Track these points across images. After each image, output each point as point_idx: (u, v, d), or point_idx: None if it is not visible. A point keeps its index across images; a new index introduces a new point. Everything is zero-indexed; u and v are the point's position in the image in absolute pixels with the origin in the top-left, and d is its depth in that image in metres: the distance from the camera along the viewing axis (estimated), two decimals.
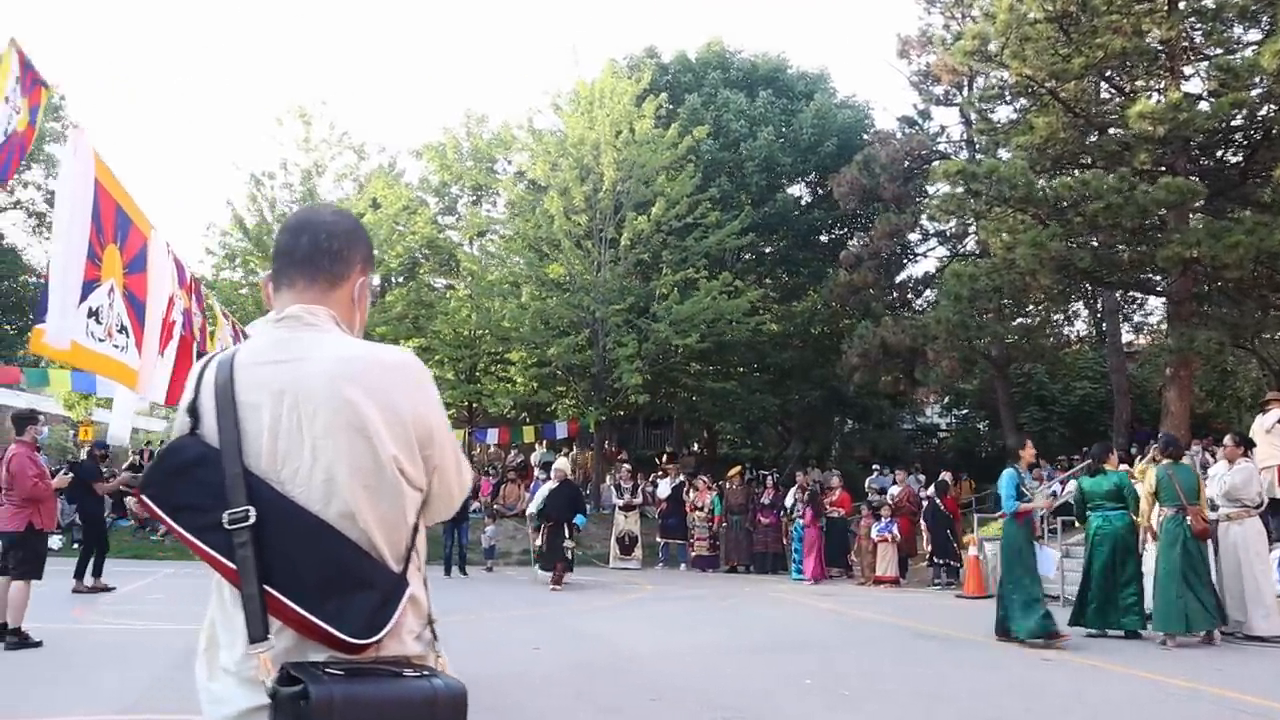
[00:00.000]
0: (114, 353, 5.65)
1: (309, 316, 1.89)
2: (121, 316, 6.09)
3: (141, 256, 6.47)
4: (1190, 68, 18.14)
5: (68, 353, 5.07)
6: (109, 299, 5.59)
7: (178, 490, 1.77)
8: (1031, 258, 15.90)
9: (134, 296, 6.33)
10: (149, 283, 6.70)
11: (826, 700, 7.24)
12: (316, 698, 1.57)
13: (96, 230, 5.65)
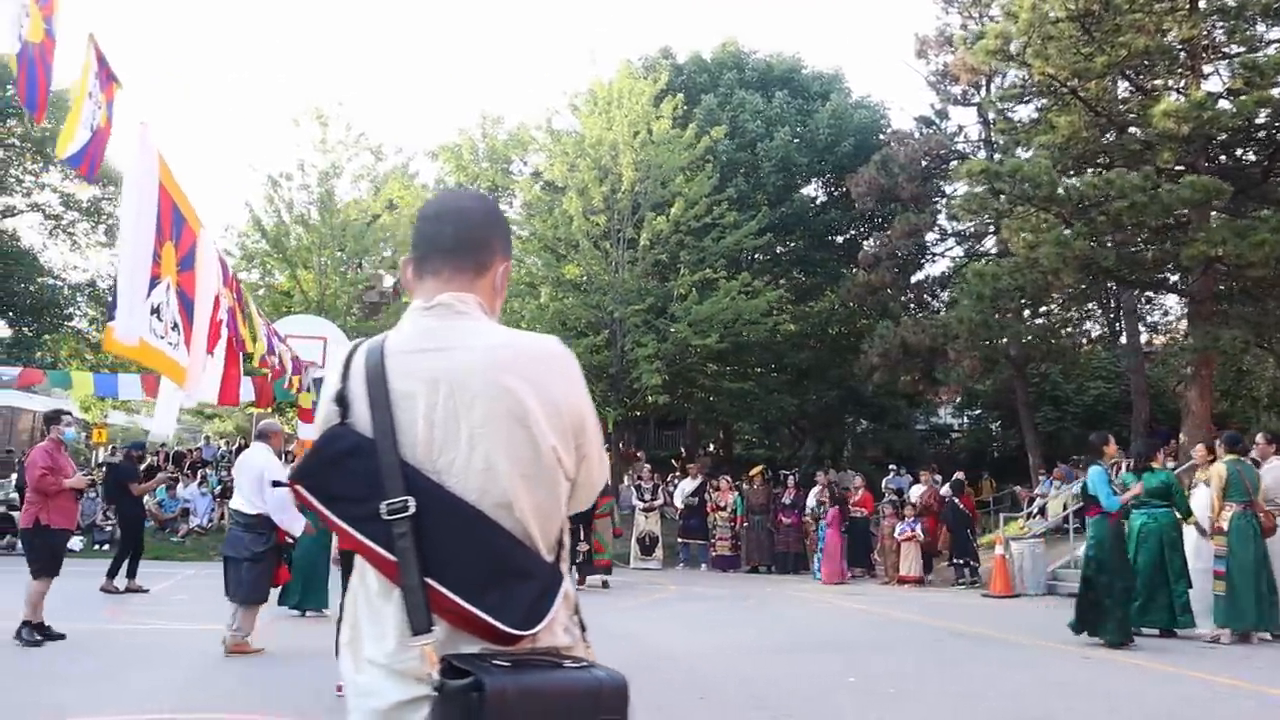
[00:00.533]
0: (168, 350, 5.65)
1: (459, 304, 1.87)
2: (174, 314, 6.09)
3: (192, 254, 6.46)
4: (1210, 66, 18.12)
5: (136, 349, 5.07)
6: (166, 296, 5.59)
7: (333, 480, 1.75)
8: (1055, 257, 15.87)
9: (184, 294, 6.33)
10: (197, 280, 6.69)
11: (873, 699, 7.23)
12: (491, 689, 1.55)
13: (157, 227, 5.67)
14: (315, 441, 1.83)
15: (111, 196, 27.75)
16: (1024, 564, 15.16)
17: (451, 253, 1.93)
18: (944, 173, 23.40)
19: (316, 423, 1.89)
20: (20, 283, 26.23)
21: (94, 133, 4.36)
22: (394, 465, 1.72)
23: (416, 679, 1.70)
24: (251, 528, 8.17)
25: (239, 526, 8.26)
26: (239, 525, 8.26)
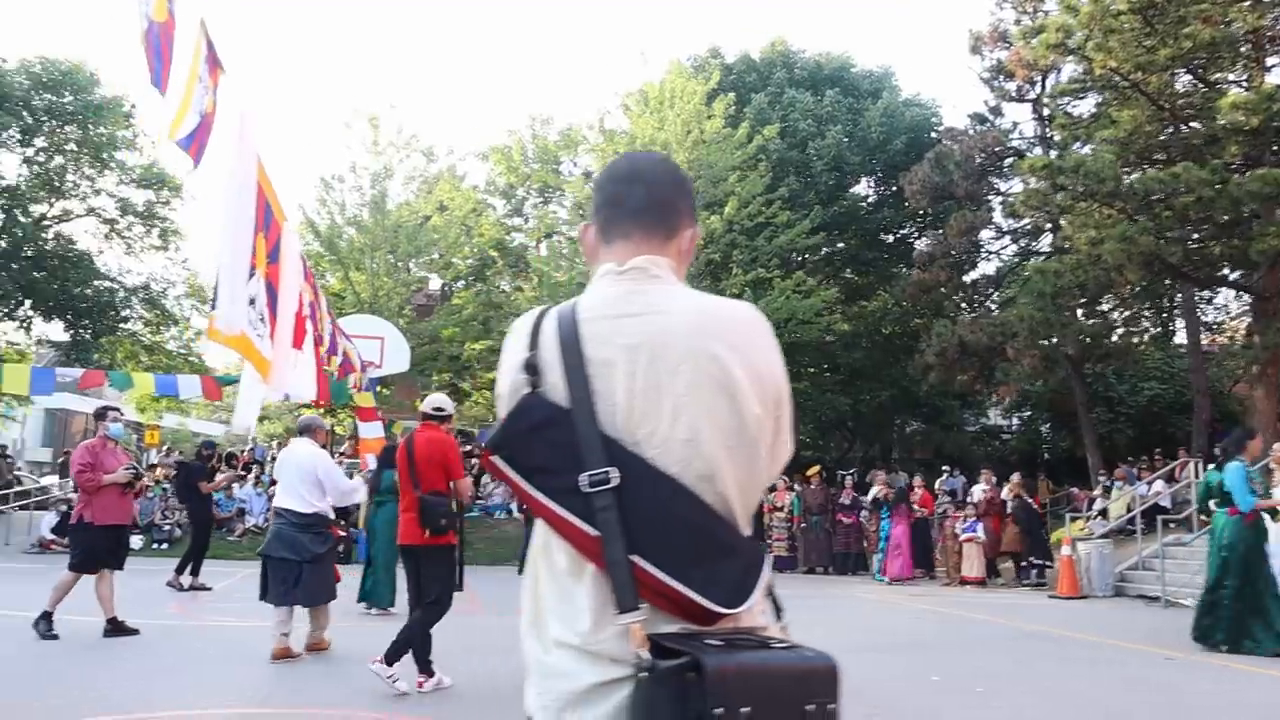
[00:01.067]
0: (257, 341, 5.65)
1: (654, 268, 1.78)
2: (262, 306, 6.09)
3: (278, 246, 6.47)
4: (1275, 58, 17.75)
5: (237, 339, 5.07)
6: (257, 288, 5.59)
7: (530, 451, 1.66)
8: (1119, 253, 15.58)
9: (271, 287, 6.33)
10: (282, 274, 6.70)
11: (963, 699, 7.11)
12: (711, 668, 1.46)
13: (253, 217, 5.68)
14: (509, 411, 1.73)
15: (166, 200, 28.14)
16: (1091, 565, 14.90)
17: (641, 214, 1.84)
18: (999, 170, 23.09)
19: (502, 393, 1.80)
20: (77, 286, 26.60)
21: (202, 117, 4.37)
22: (593, 435, 1.63)
23: (611, 660, 1.61)
24: (308, 527, 7.81)
25: (293, 527, 7.78)
26: (292, 525, 7.79)
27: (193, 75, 4.19)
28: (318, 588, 7.80)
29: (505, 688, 7.08)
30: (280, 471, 8.34)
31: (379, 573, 10.99)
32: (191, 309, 29.49)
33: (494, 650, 8.55)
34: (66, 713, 5.76)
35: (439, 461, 6.76)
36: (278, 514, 7.97)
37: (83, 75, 25.90)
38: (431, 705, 6.43)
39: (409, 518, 6.74)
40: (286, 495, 7.93)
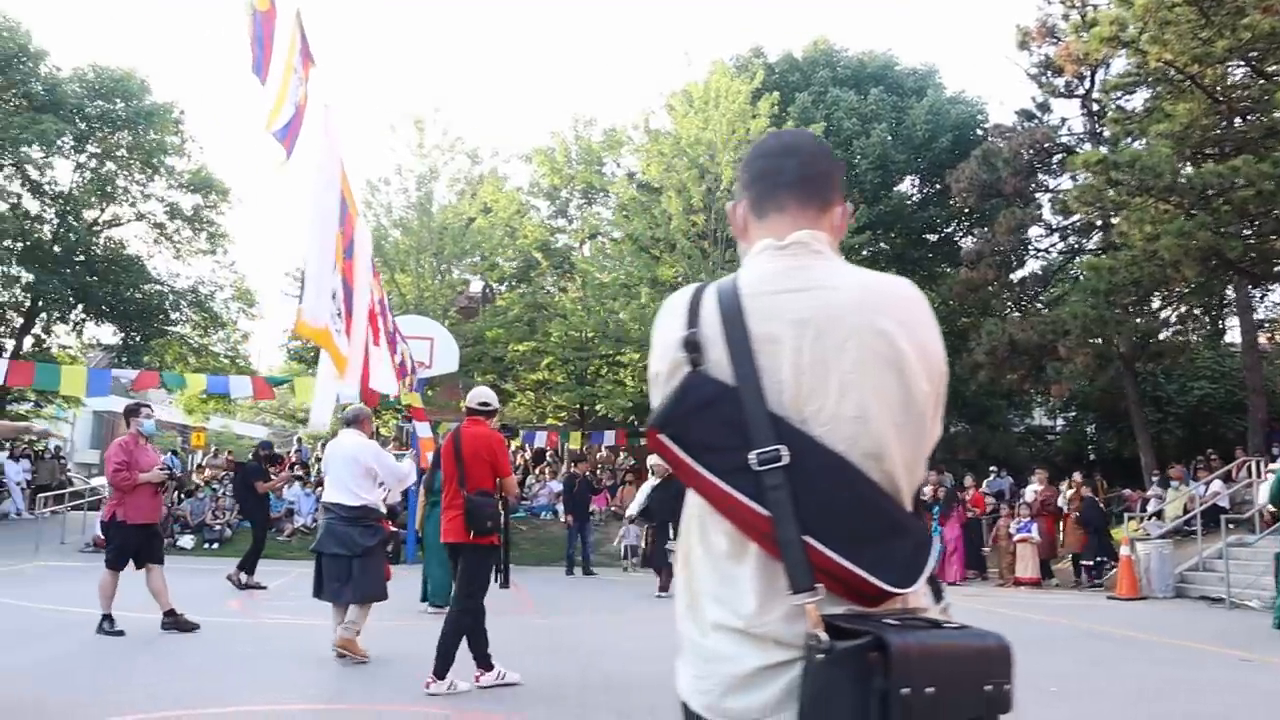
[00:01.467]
0: (336, 337, 5.68)
1: (815, 243, 1.76)
2: (339, 302, 6.11)
3: (353, 242, 6.50)
4: None
5: (321, 333, 5.09)
6: (336, 283, 5.61)
7: (698, 429, 1.63)
8: (1176, 248, 15.35)
9: (345, 282, 6.34)
10: (355, 270, 6.72)
11: (1038, 696, 7.01)
12: (897, 648, 1.43)
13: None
14: (674, 389, 1.71)
15: (214, 204, 28.48)
16: (1151, 566, 14.67)
17: (797, 187, 1.81)
18: (1047, 166, 22.82)
19: (660, 371, 1.77)
20: (128, 290, 27.00)
21: (296, 109, 4.40)
22: (761, 413, 1.60)
23: (776, 643, 1.59)
24: (357, 521, 7.55)
25: (342, 521, 7.54)
26: (342, 519, 7.55)
27: (288, 67, 4.22)
28: (369, 583, 7.50)
29: (569, 686, 7.09)
30: (328, 465, 8.05)
31: (436, 571, 11.03)
32: (239, 312, 29.89)
33: (555, 650, 8.58)
34: (127, 708, 5.79)
35: (486, 459, 6.68)
36: (326, 509, 7.76)
37: (133, 82, 26.30)
38: (500, 702, 6.43)
39: (453, 515, 6.68)
40: (334, 489, 7.71)
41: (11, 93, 24.74)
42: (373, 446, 7.89)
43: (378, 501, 7.82)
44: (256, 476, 12.86)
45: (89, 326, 27.90)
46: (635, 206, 23.92)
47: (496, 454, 6.75)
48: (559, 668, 7.77)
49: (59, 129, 23.99)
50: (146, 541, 8.69)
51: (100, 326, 28.00)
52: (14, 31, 24.07)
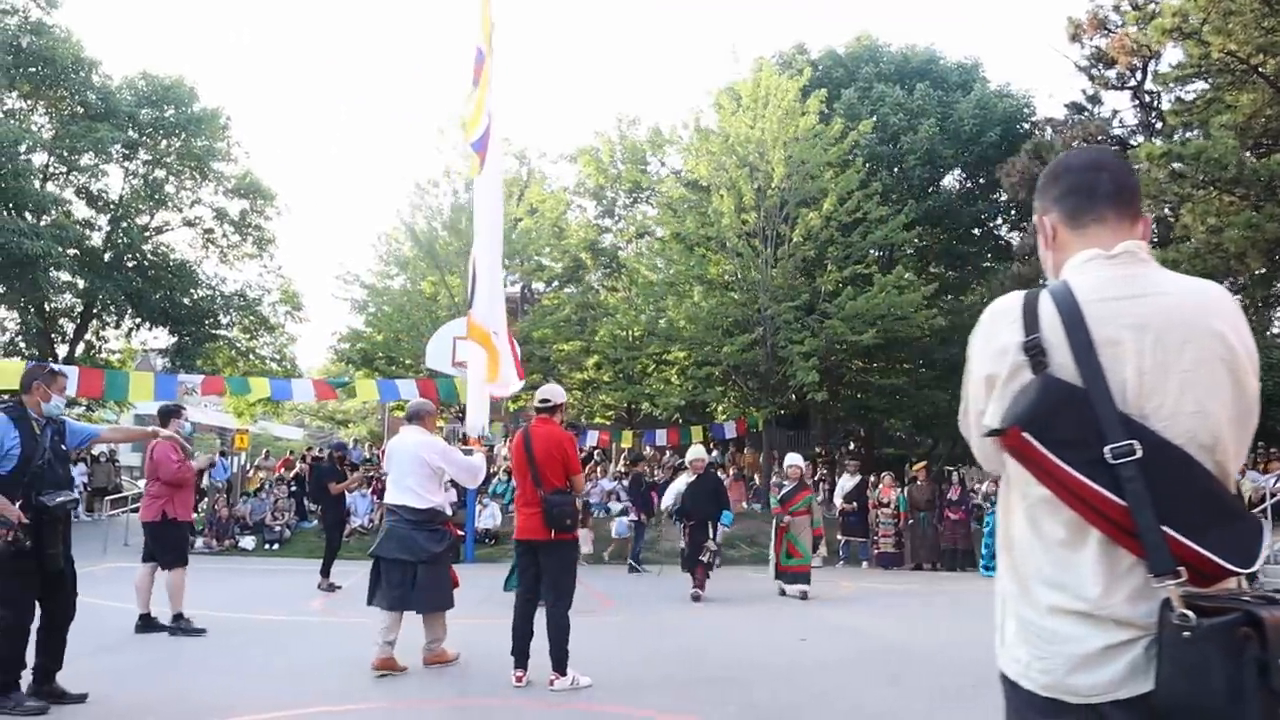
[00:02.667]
0: (495, 339, 5.81)
1: (1141, 252, 1.91)
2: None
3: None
4: None
5: (487, 336, 5.22)
6: None
7: (1057, 426, 1.76)
8: (1242, 240, 15.33)
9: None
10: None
11: None
12: (1270, 622, 1.56)
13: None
14: (1034, 390, 1.81)
15: (261, 209, 28.81)
16: None
17: (1113, 200, 1.98)
18: None
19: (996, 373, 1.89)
20: (180, 294, 27.35)
21: (489, 120, 4.54)
22: (1111, 411, 1.75)
23: (1117, 623, 1.73)
24: (423, 524, 7.12)
25: (407, 524, 7.11)
26: (407, 523, 7.11)
27: (484, 83, 4.36)
28: (434, 592, 7.08)
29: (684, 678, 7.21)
30: (390, 465, 7.53)
31: None
32: (285, 315, 30.22)
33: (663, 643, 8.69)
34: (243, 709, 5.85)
35: (558, 458, 6.75)
36: (390, 511, 7.34)
37: (183, 89, 26.64)
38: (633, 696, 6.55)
39: (529, 513, 6.74)
40: (398, 490, 7.25)
41: (69, 101, 25.13)
42: (438, 443, 7.55)
43: (445, 503, 7.50)
44: (330, 477, 12.96)
45: (142, 331, 28.28)
46: (682, 205, 23.99)
47: (567, 452, 6.82)
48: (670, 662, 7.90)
49: (114, 136, 24.35)
50: (186, 538, 8.95)
51: (153, 331, 28.36)
52: (69, 42, 24.42)
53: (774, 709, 6.09)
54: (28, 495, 5.60)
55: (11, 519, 5.45)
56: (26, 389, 5.95)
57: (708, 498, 12.61)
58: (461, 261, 25.21)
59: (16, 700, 5.55)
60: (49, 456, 5.82)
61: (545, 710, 6.13)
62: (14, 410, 5.79)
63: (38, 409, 5.91)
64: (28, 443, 5.68)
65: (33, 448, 5.70)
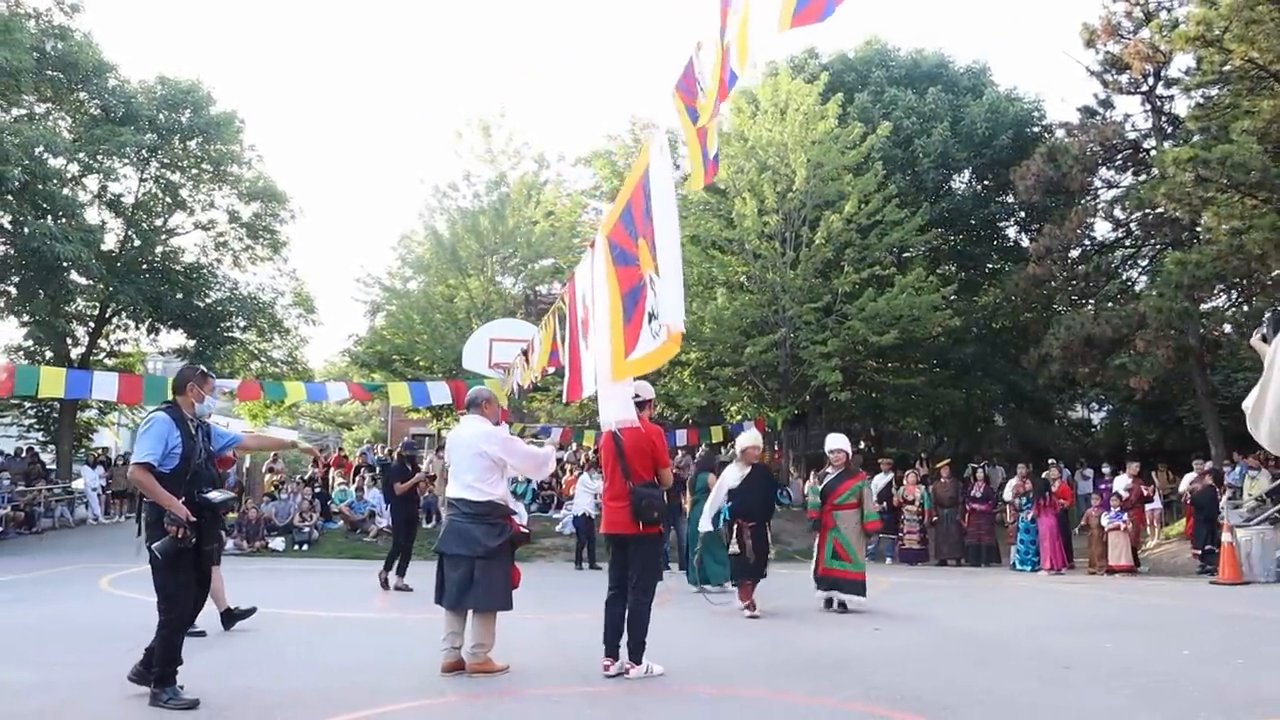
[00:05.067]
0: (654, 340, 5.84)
1: None
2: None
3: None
4: None
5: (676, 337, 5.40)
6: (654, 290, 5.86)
7: None
8: (1265, 242, 15.81)
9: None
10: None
11: (1227, 670, 7.43)
12: None
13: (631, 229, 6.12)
14: None
15: (273, 212, 28.89)
16: (1253, 551, 15.11)
17: None
18: (1111, 162, 23.29)
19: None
20: (196, 297, 27.43)
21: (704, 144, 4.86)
22: None
23: None
24: (481, 518, 6.84)
25: (464, 518, 6.87)
26: (464, 516, 6.87)
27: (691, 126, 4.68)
28: (491, 589, 6.80)
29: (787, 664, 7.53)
30: (450, 457, 7.27)
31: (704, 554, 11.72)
32: (298, 318, 30.31)
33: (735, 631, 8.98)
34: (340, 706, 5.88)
35: (647, 451, 6.86)
36: (450, 505, 7.14)
37: (199, 93, 26.73)
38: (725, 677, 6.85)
39: (617, 506, 6.85)
40: (457, 484, 7.00)
41: (90, 105, 25.21)
42: (499, 433, 7.20)
43: (505, 496, 7.13)
44: (397, 477, 13.12)
45: (160, 335, 28.28)
46: (698, 208, 24.25)
47: (656, 446, 6.94)
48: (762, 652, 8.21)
49: (132, 140, 24.42)
50: None
51: (170, 334, 28.42)
52: (90, 46, 24.49)
53: (899, 693, 6.39)
54: (189, 493, 5.79)
55: (180, 516, 5.64)
56: (181, 390, 6.14)
57: (764, 493, 10.73)
58: (484, 263, 25.51)
59: (172, 694, 5.68)
60: (204, 456, 6.03)
61: (664, 696, 6.42)
62: (173, 410, 5.98)
63: (191, 409, 6.10)
64: (186, 442, 5.87)
65: (191, 447, 5.89)
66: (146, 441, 5.80)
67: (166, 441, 5.79)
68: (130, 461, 5.96)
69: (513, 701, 6.24)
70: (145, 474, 5.71)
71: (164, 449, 5.77)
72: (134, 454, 5.87)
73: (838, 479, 11.12)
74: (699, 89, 4.85)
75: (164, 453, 5.76)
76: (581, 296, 8.19)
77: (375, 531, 21.94)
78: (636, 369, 6.38)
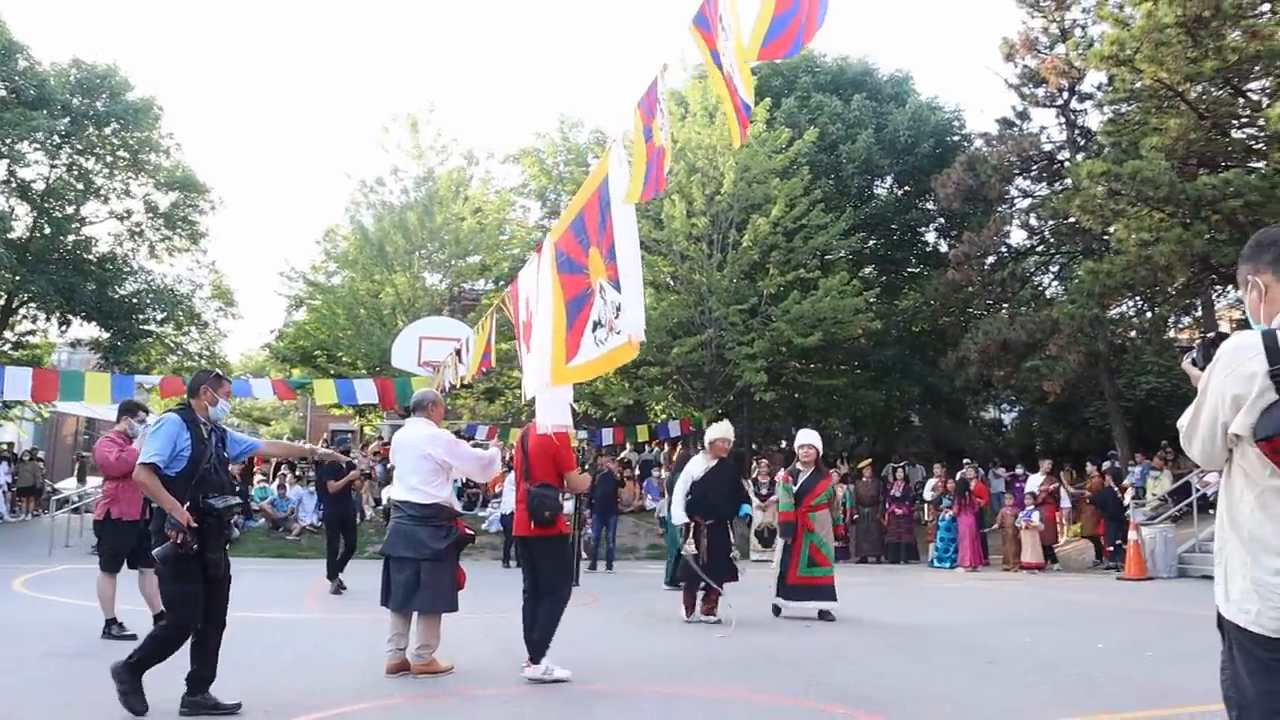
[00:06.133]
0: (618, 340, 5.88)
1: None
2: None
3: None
4: None
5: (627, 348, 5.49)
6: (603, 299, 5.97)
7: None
8: (1171, 254, 16.57)
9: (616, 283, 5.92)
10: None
11: (1138, 661, 7.86)
12: None
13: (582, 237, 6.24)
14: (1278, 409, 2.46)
15: (194, 203, 28.22)
16: (1157, 549, 15.84)
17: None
18: (1027, 172, 24.13)
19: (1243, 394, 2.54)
20: (110, 288, 26.66)
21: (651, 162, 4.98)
22: None
23: None
24: (427, 520, 6.88)
25: (409, 520, 6.90)
26: (410, 519, 6.91)
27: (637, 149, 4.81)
28: (437, 591, 6.84)
29: (725, 660, 7.73)
30: (395, 458, 7.37)
31: None
32: (217, 311, 29.71)
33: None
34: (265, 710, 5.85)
35: (549, 453, 6.89)
36: (395, 507, 7.13)
37: (116, 78, 25.99)
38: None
39: (521, 508, 6.95)
40: (402, 486, 7.06)
41: (2, 86, 24.33)
42: (444, 436, 7.28)
43: (450, 499, 7.21)
44: (330, 476, 12.95)
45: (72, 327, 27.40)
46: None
47: (558, 449, 6.92)
48: (699, 650, 8.42)
49: (43, 124, 23.67)
50: (140, 541, 8.47)
51: (84, 326, 27.54)
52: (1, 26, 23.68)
53: (844, 691, 6.63)
54: (194, 498, 5.61)
55: (181, 521, 5.49)
56: (194, 393, 6.00)
57: (728, 490, 10.26)
58: (410, 259, 25.32)
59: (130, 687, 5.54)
60: (214, 461, 5.83)
61: (612, 695, 6.57)
62: (185, 413, 5.84)
63: (204, 413, 5.93)
64: (197, 445, 5.72)
65: (201, 451, 5.72)
66: (154, 442, 5.67)
67: (175, 443, 5.65)
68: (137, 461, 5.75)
69: (461, 702, 6.34)
70: (150, 475, 5.58)
71: (172, 450, 5.62)
72: (141, 454, 5.76)
73: (813, 478, 10.46)
74: (659, 109, 4.99)
75: (171, 454, 5.62)
76: (525, 301, 8.29)
77: (299, 529, 21.66)
78: (577, 375, 6.51)
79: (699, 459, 10.28)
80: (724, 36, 4.25)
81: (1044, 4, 22.29)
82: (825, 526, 10.41)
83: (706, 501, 9.90)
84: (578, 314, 6.51)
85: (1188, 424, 2.76)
